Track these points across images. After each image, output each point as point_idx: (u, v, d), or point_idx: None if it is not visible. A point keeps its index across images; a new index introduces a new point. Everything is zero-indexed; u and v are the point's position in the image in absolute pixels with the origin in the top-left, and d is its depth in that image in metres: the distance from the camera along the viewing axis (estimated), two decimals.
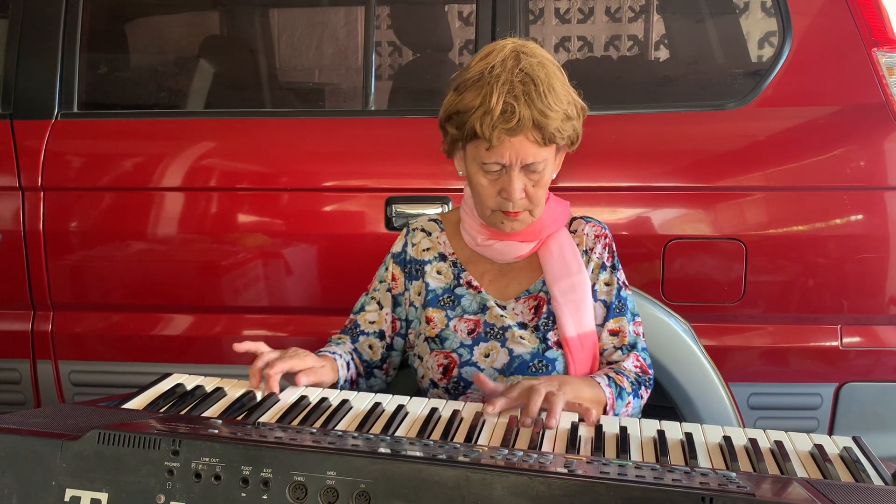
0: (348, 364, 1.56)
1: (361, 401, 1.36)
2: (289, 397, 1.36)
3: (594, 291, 1.57)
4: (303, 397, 1.35)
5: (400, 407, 1.33)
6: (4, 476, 0.98)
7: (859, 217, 1.96)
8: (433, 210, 2.03)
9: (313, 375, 1.43)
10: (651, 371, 1.59)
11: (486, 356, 1.54)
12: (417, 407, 1.34)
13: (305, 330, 2.10)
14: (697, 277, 1.99)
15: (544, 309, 1.56)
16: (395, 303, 1.64)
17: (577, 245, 1.58)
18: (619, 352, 1.57)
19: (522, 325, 1.56)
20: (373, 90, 2.19)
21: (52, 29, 2.17)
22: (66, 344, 2.17)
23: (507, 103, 1.38)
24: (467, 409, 1.34)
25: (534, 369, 1.52)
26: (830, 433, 1.98)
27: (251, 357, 1.43)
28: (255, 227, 2.09)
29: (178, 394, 1.35)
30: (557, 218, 1.58)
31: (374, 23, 2.22)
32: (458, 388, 1.55)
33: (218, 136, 2.14)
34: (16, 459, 0.98)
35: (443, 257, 1.63)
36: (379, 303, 1.64)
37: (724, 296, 2.00)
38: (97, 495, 0.96)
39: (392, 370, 1.67)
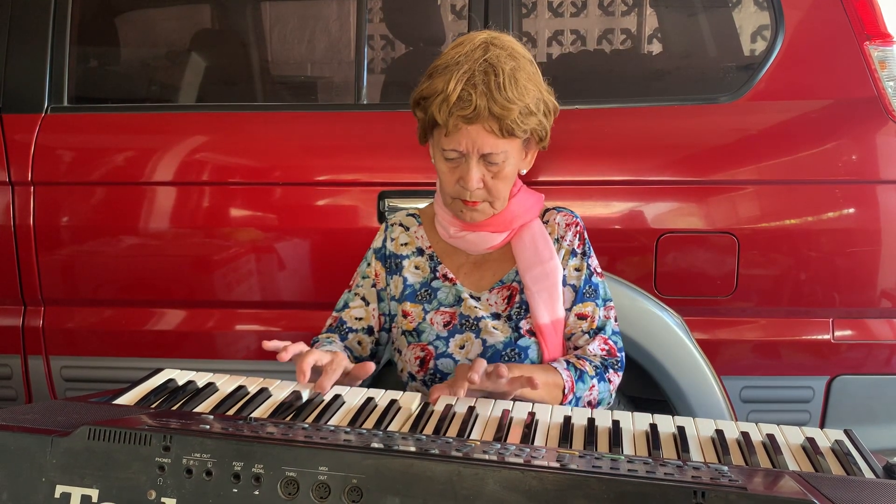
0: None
1: (354, 396, 1.36)
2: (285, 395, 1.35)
3: (563, 277, 1.58)
4: (294, 392, 1.35)
5: (392, 402, 1.33)
6: None
7: (851, 211, 1.96)
8: (426, 204, 2.02)
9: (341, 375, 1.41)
10: (620, 353, 1.58)
11: (461, 347, 1.55)
12: (410, 402, 1.34)
13: (298, 324, 2.09)
14: (690, 271, 1.99)
15: (517, 298, 1.57)
16: (379, 298, 1.64)
17: (549, 234, 1.58)
18: (586, 336, 1.57)
19: (496, 316, 1.56)
20: (365, 84, 2.18)
21: (42, 22, 2.15)
22: (57, 339, 2.16)
23: (464, 90, 1.39)
24: (460, 403, 1.34)
25: (507, 358, 1.53)
26: (822, 426, 2.00)
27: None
28: (247, 221, 2.08)
29: (169, 389, 1.35)
30: (530, 208, 1.59)
31: (366, 16, 2.21)
32: (434, 380, 1.56)
33: (209, 131, 2.13)
34: (6, 456, 0.97)
35: (420, 251, 1.64)
36: (364, 298, 1.64)
37: (716, 289, 2.00)
38: (87, 491, 0.95)
39: (378, 365, 1.67)
